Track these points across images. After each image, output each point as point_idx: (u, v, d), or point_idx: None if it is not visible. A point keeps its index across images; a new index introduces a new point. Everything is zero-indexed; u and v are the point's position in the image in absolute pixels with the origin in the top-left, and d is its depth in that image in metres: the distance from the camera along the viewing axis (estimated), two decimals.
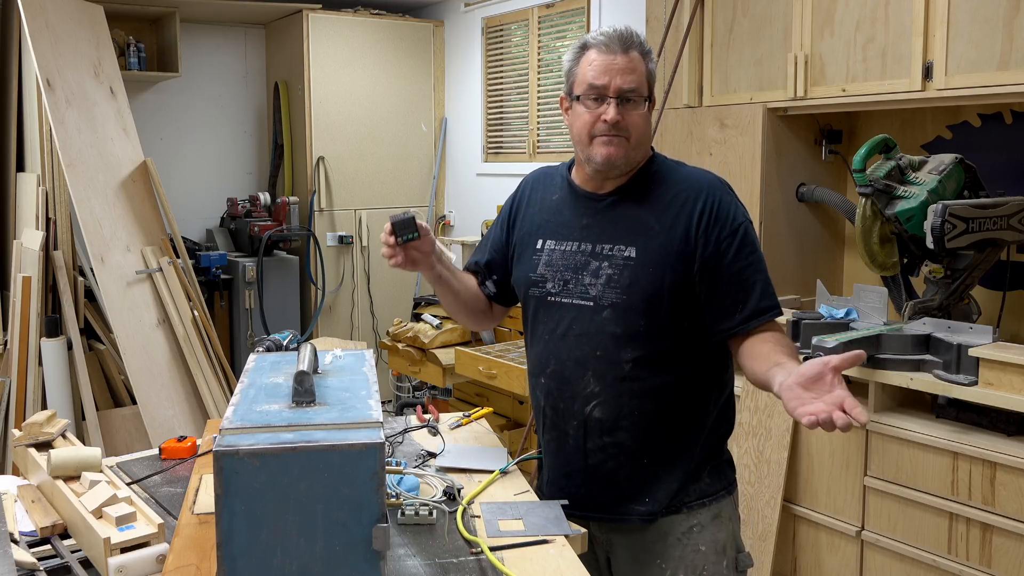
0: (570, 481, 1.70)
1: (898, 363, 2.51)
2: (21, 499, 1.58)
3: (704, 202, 1.62)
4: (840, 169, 3.38)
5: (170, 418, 3.81)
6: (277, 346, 1.75)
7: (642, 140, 1.64)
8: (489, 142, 5.34)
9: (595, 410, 1.65)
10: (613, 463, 1.65)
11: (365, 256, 5.45)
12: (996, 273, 2.82)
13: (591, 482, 1.68)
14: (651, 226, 1.62)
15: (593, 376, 1.64)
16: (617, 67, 1.59)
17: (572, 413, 1.67)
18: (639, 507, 1.66)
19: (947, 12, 2.61)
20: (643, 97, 1.61)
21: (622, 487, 1.66)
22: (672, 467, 1.66)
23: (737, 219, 1.61)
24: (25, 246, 3.93)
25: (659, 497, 1.66)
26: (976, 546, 2.35)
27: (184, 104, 5.28)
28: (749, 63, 3.21)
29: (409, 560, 1.38)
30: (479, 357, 3.57)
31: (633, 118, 1.60)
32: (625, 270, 1.61)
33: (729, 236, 1.59)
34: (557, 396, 1.69)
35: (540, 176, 1.84)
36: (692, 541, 1.66)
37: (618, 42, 1.61)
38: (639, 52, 1.62)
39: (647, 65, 1.63)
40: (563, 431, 1.69)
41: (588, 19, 4.46)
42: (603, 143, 1.61)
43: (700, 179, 1.67)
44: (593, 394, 1.64)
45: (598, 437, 1.65)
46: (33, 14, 3.81)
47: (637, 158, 1.65)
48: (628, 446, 1.64)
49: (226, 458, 1.03)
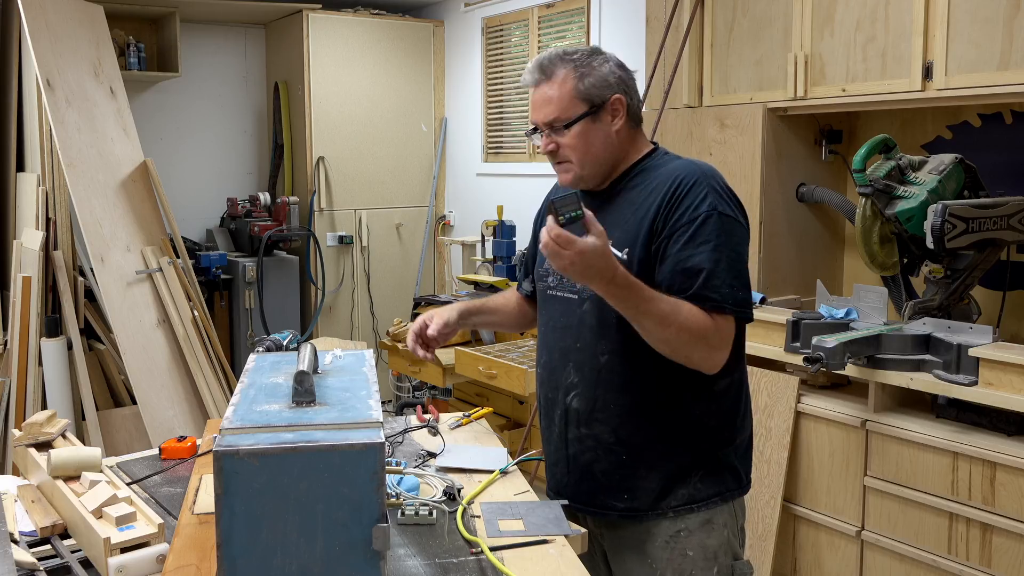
0: (556, 470, 1.76)
1: (898, 363, 2.51)
2: (21, 499, 1.58)
3: (672, 186, 1.59)
4: (840, 169, 3.38)
5: (170, 418, 3.81)
6: (277, 346, 1.75)
7: (588, 157, 1.64)
8: (489, 142, 5.34)
9: (574, 400, 1.68)
10: (591, 455, 1.68)
11: (365, 256, 5.45)
12: (996, 273, 2.82)
13: (572, 472, 1.71)
14: (627, 217, 1.63)
15: (574, 367, 1.68)
16: (537, 101, 1.64)
17: (556, 403, 1.72)
18: (618, 503, 1.67)
19: (947, 12, 2.61)
20: (566, 122, 1.61)
21: (599, 480, 1.68)
22: (653, 466, 1.65)
23: (700, 207, 1.55)
24: (25, 246, 3.93)
25: (639, 495, 1.65)
26: (976, 546, 2.35)
27: (184, 104, 5.28)
28: (749, 63, 3.21)
29: (409, 560, 1.38)
30: (479, 357, 3.57)
31: (566, 142, 1.63)
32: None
33: (687, 223, 1.55)
34: (547, 386, 1.75)
35: None
36: (679, 545, 1.65)
37: (537, 71, 1.64)
38: (566, 70, 1.61)
39: (575, 81, 1.61)
40: (551, 420, 1.75)
41: (588, 19, 4.46)
42: (558, 171, 1.68)
43: (682, 167, 1.63)
44: (572, 385, 1.68)
45: (576, 428, 1.69)
46: (33, 14, 3.81)
47: (598, 172, 1.66)
48: (605, 439, 1.66)
49: (226, 458, 1.03)
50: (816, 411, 2.73)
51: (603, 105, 1.63)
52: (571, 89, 1.61)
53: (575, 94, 1.61)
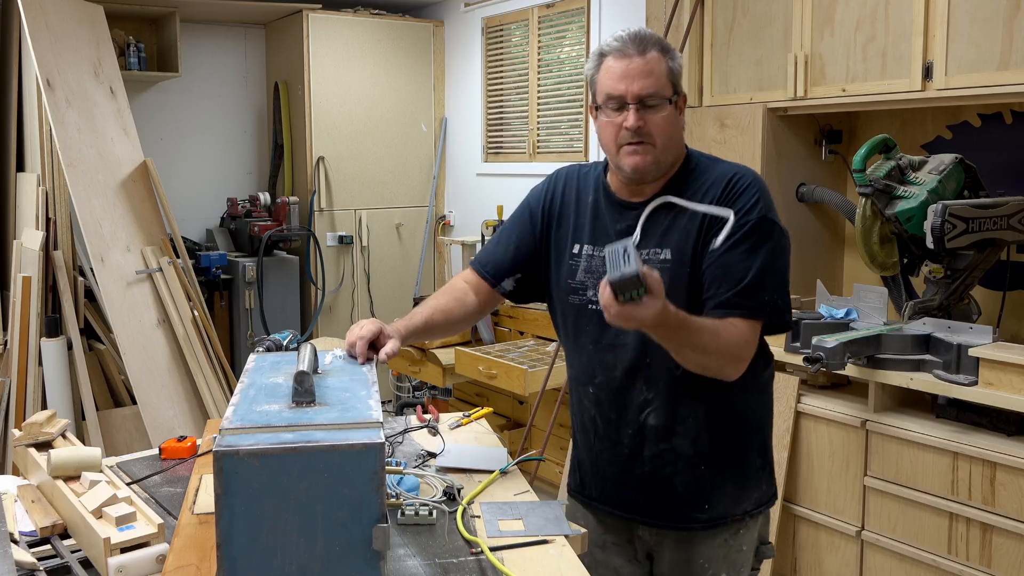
0: (623, 491, 1.71)
1: (898, 363, 2.51)
2: (21, 499, 1.58)
3: (726, 187, 1.58)
4: (840, 169, 3.38)
5: (170, 418, 3.81)
6: (277, 346, 1.75)
7: (670, 143, 1.59)
8: (489, 142, 5.34)
9: (650, 417, 1.64)
10: (670, 469, 1.65)
11: (365, 256, 5.45)
12: (996, 273, 2.82)
13: (647, 489, 1.68)
14: (683, 225, 1.59)
15: (645, 384, 1.63)
16: (633, 72, 1.55)
17: (626, 422, 1.67)
18: (700, 514, 1.66)
19: (947, 12, 2.61)
20: (665, 99, 1.56)
21: (679, 493, 1.66)
22: (728, 473, 1.67)
23: (752, 212, 1.55)
24: (25, 246, 3.93)
25: (717, 503, 1.66)
26: (976, 546, 2.35)
27: (184, 104, 5.28)
28: (749, 63, 3.21)
29: (409, 560, 1.38)
30: (479, 357, 3.57)
31: (656, 122, 1.56)
32: (663, 273, 1.53)
33: (737, 226, 1.52)
34: (608, 406, 1.69)
35: (572, 174, 1.79)
36: (737, 542, 1.69)
37: (633, 44, 1.56)
38: (658, 51, 1.57)
39: (668, 64, 1.58)
40: (615, 440, 1.69)
41: (588, 19, 4.46)
42: (629, 152, 1.58)
43: (733, 168, 1.63)
44: (647, 401, 1.64)
45: (655, 444, 1.65)
46: (33, 14, 3.81)
47: (668, 161, 1.62)
48: (685, 452, 1.64)
49: (226, 458, 1.03)
50: (816, 411, 2.73)
51: (680, 96, 1.61)
52: (666, 70, 1.57)
53: (668, 76, 1.58)
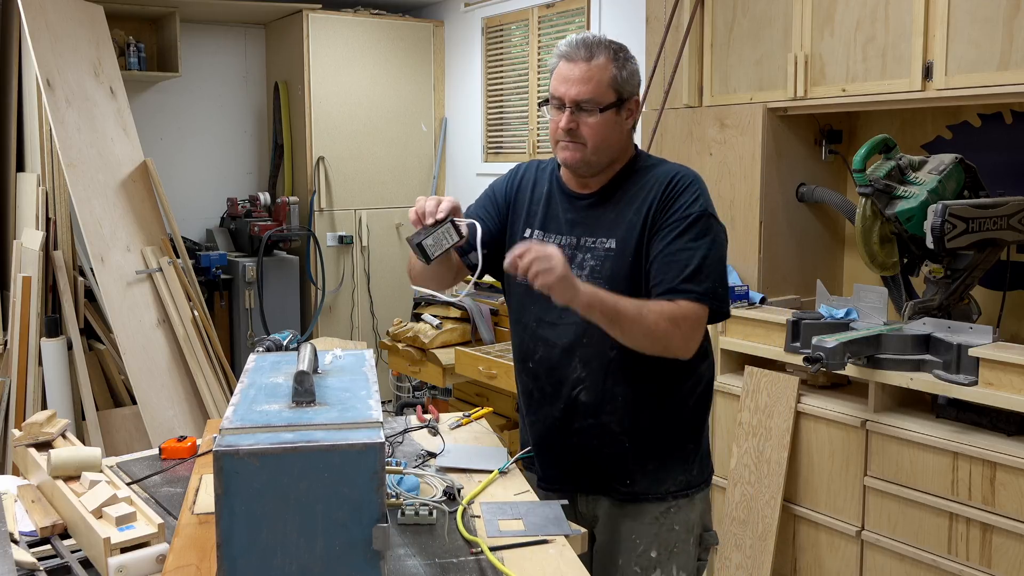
0: (551, 456, 1.83)
1: (898, 363, 2.51)
2: (21, 499, 1.58)
3: (668, 184, 1.69)
4: (840, 169, 3.38)
5: (170, 418, 3.81)
6: (277, 346, 1.75)
7: (602, 145, 1.69)
8: (489, 142, 5.34)
9: (581, 394, 1.74)
10: (596, 443, 1.76)
11: (365, 256, 5.45)
12: (996, 273, 2.82)
13: (572, 459, 1.79)
14: (628, 219, 1.71)
15: (580, 362, 1.74)
16: (574, 77, 1.65)
17: (558, 396, 1.77)
18: (620, 486, 1.77)
19: (947, 12, 2.61)
20: (600, 106, 1.66)
21: (601, 467, 1.77)
22: (653, 453, 1.76)
23: (693, 207, 1.66)
24: (25, 246, 3.93)
25: (640, 480, 1.76)
26: (976, 546, 2.35)
27: (184, 104, 5.28)
28: (749, 63, 3.21)
29: (409, 560, 1.38)
30: (479, 357, 3.57)
31: (589, 124, 1.66)
32: (607, 260, 1.70)
33: (676, 221, 1.65)
34: (545, 380, 1.79)
35: (532, 167, 1.91)
36: (668, 521, 1.77)
37: (581, 50, 1.66)
38: (607, 58, 1.66)
39: (614, 71, 1.66)
40: (547, 412, 1.80)
41: (588, 19, 4.46)
42: (562, 148, 1.70)
43: (676, 168, 1.74)
44: (580, 379, 1.74)
45: (583, 419, 1.75)
46: (33, 14, 3.81)
47: (601, 161, 1.71)
48: (611, 429, 1.75)
49: (226, 458, 1.03)
50: (816, 411, 2.73)
51: (626, 101, 1.70)
52: (610, 76, 1.66)
53: (611, 82, 1.66)
